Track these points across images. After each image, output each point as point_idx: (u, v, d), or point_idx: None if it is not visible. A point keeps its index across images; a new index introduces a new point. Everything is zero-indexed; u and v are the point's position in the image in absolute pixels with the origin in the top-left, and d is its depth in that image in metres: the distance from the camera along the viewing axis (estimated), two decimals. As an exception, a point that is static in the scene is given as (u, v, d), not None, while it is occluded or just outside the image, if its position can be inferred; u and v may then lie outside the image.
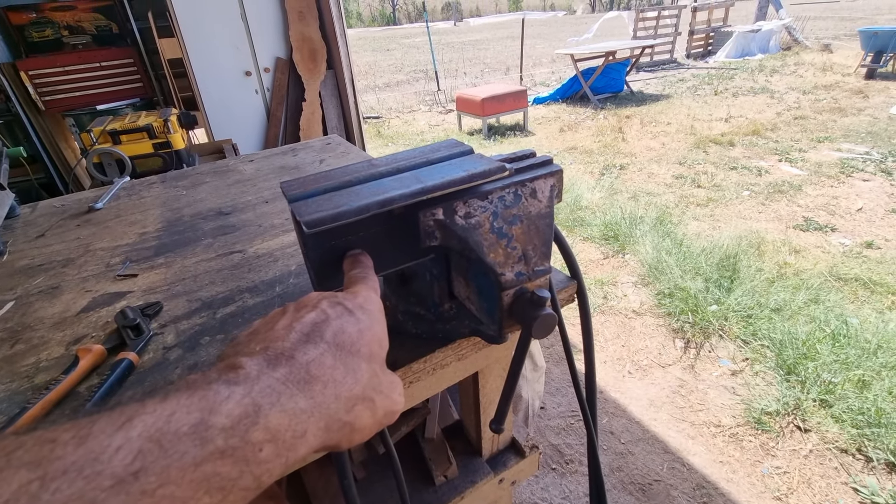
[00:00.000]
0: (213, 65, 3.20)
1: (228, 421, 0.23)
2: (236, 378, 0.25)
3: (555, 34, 20.53)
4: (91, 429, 0.20)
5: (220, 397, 0.24)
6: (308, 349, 0.29)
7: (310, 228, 0.36)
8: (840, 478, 1.59)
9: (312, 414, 0.27)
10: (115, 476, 0.19)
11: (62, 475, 0.18)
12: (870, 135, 4.86)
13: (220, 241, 0.89)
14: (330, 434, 0.28)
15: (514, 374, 0.48)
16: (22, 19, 3.31)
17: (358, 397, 0.30)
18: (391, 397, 0.33)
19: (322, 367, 0.29)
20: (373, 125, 7.45)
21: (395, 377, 0.35)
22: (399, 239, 0.44)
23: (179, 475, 0.21)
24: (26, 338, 0.65)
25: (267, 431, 0.24)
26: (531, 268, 0.45)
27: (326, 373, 0.29)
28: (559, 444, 1.81)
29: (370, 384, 0.31)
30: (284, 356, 0.28)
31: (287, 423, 0.25)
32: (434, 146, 0.51)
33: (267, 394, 0.25)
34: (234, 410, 0.23)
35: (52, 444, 0.19)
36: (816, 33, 12.42)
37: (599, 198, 3.93)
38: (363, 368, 0.31)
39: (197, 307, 0.68)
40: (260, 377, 0.26)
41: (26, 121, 3.15)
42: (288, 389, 0.26)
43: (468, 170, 0.43)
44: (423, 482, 0.80)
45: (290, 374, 0.27)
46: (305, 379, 0.27)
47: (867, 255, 2.79)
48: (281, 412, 0.25)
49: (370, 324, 0.33)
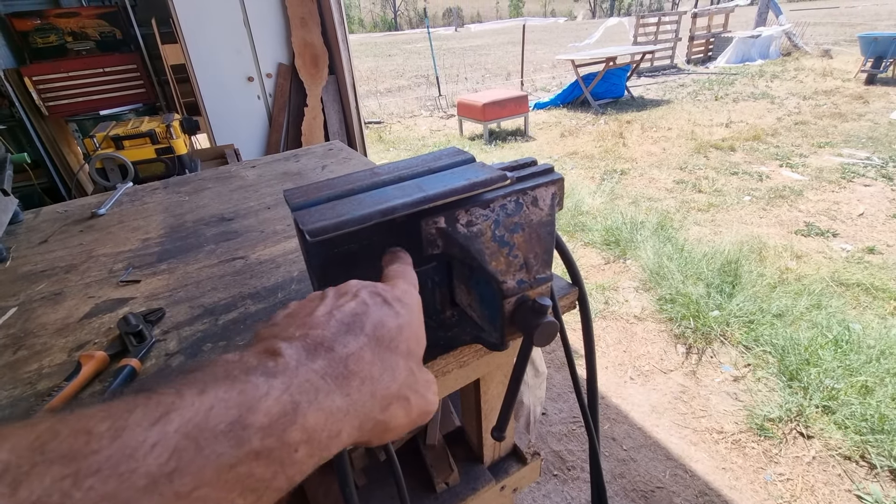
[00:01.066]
0: (216, 70, 3.22)
1: (266, 419, 0.22)
2: (275, 368, 0.25)
3: (555, 40, 20.62)
4: (127, 420, 0.19)
5: (260, 392, 0.23)
6: (348, 341, 0.28)
7: (313, 237, 0.36)
8: (843, 485, 1.58)
9: (348, 412, 0.26)
10: (150, 475, 0.18)
11: (95, 473, 0.18)
12: (870, 140, 4.87)
13: (222, 247, 0.90)
14: (362, 433, 0.28)
15: (516, 382, 0.48)
16: (26, 25, 3.33)
17: (394, 396, 0.29)
18: (426, 397, 0.32)
19: (360, 362, 0.28)
20: (374, 130, 7.48)
21: (431, 376, 0.34)
22: (401, 247, 0.44)
23: (214, 476, 0.20)
24: (29, 344, 0.65)
25: (304, 431, 0.24)
26: (532, 276, 0.45)
27: (364, 368, 0.28)
28: (561, 450, 1.80)
29: (406, 382, 0.30)
30: (324, 346, 0.27)
31: (323, 422, 0.25)
32: (435, 154, 0.51)
33: (305, 390, 0.25)
34: (272, 408, 0.23)
35: (88, 437, 0.18)
36: (816, 39, 12.46)
37: (600, 203, 3.93)
38: (401, 366, 0.30)
39: (199, 313, 0.68)
40: (299, 369, 0.25)
41: (30, 126, 3.17)
42: (326, 385, 0.26)
43: (470, 178, 0.43)
44: (424, 489, 0.80)
45: (328, 368, 0.26)
46: (343, 374, 0.27)
47: (869, 261, 2.79)
48: (318, 411, 0.24)
49: (409, 319, 0.33)
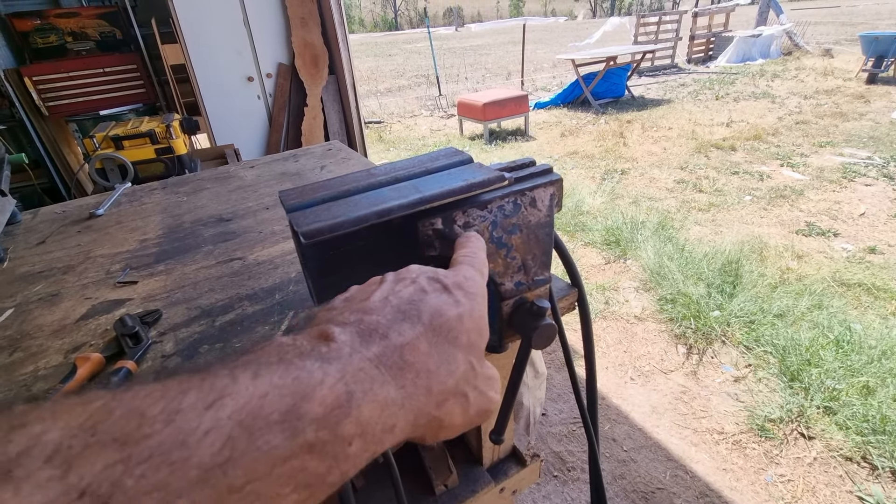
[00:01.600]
0: (216, 70, 3.22)
1: (321, 410, 0.21)
2: (328, 353, 0.24)
3: (556, 39, 20.60)
4: (181, 403, 0.19)
5: (314, 380, 0.22)
6: (404, 329, 0.27)
7: (307, 239, 0.36)
8: (845, 486, 1.57)
9: (403, 406, 0.25)
10: (202, 466, 0.18)
11: (147, 460, 0.17)
12: (872, 139, 4.86)
13: (220, 247, 0.89)
14: (416, 429, 0.26)
15: (514, 385, 0.47)
16: (26, 26, 3.33)
17: (451, 391, 0.27)
18: (486, 394, 0.30)
19: (416, 352, 0.26)
20: (374, 130, 7.48)
21: (494, 371, 0.32)
22: (398, 249, 0.44)
23: (267, 470, 0.19)
24: (25, 346, 0.65)
25: (358, 424, 0.22)
26: (531, 277, 0.44)
27: (420, 360, 0.26)
28: (561, 451, 1.80)
29: (465, 377, 0.28)
30: (378, 333, 0.26)
31: (378, 415, 0.23)
32: (433, 155, 0.51)
33: (360, 379, 0.23)
34: (327, 398, 0.22)
35: (140, 420, 0.18)
36: (817, 38, 12.44)
37: (601, 203, 3.93)
38: (459, 359, 0.28)
39: (196, 315, 0.68)
40: (353, 356, 0.24)
41: (30, 126, 3.17)
42: (380, 375, 0.24)
43: (467, 179, 0.43)
44: (422, 491, 0.80)
45: (382, 356, 0.25)
46: (398, 364, 0.25)
47: (870, 261, 2.78)
48: (373, 403, 0.23)
49: (471, 308, 0.30)
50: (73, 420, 0.17)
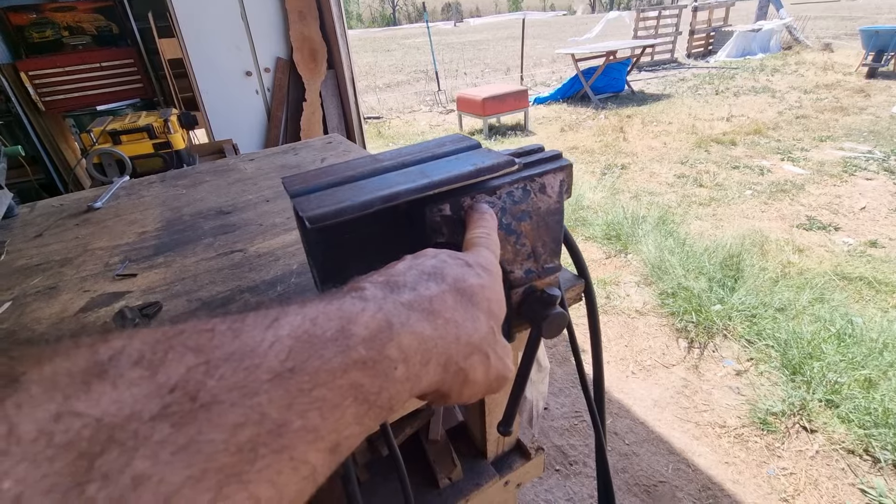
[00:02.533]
0: (214, 65, 3.19)
1: (367, 332, 0.23)
2: (363, 294, 0.25)
3: (555, 34, 20.52)
4: (243, 323, 0.20)
5: (356, 308, 0.23)
6: (430, 285, 0.28)
7: (312, 224, 0.35)
8: (847, 479, 1.57)
9: (437, 344, 0.26)
10: (272, 370, 0.19)
11: (224, 362, 0.18)
12: (872, 134, 4.85)
13: (220, 240, 0.88)
14: (446, 376, 0.27)
15: (523, 376, 0.46)
16: (22, 20, 3.30)
17: (476, 346, 0.29)
18: (504, 361, 0.32)
19: (444, 304, 0.28)
20: (373, 125, 7.45)
21: (508, 345, 0.33)
22: (405, 235, 0.43)
23: (329, 378, 0.20)
24: (23, 339, 0.63)
25: (400, 350, 0.24)
26: (540, 265, 0.43)
27: (448, 310, 0.28)
28: (563, 445, 1.79)
29: (487, 339, 0.30)
30: (407, 286, 0.27)
31: (416, 345, 0.25)
32: (439, 140, 0.50)
33: (396, 313, 0.25)
34: (370, 323, 0.23)
35: (211, 333, 0.19)
36: (817, 33, 12.40)
37: (601, 197, 3.92)
38: (482, 320, 0.30)
39: (196, 307, 0.67)
40: (386, 299, 0.25)
41: (26, 121, 3.14)
42: (414, 314, 0.26)
43: (476, 164, 0.41)
44: (427, 485, 0.79)
45: (414, 302, 0.26)
46: (429, 310, 0.27)
47: (871, 254, 2.78)
48: (411, 333, 0.25)
49: (491, 282, 0.32)
50: (149, 337, 0.18)
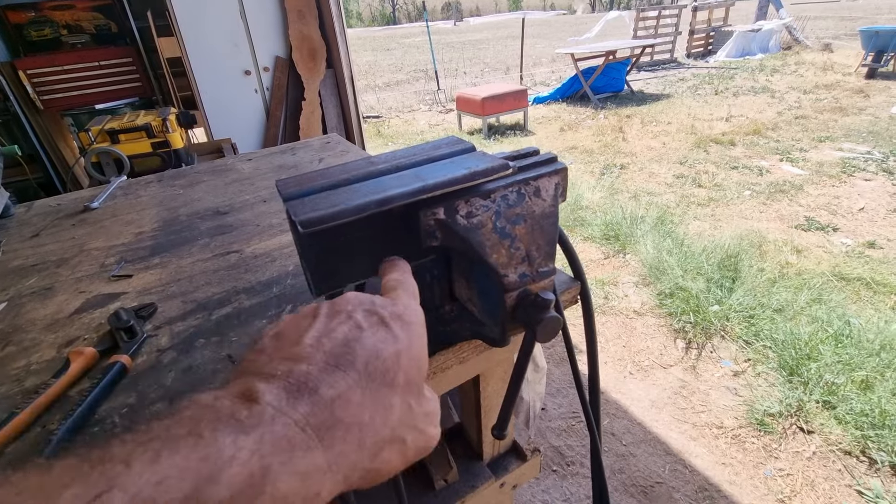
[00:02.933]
0: (213, 64, 3.18)
1: (228, 493, 0.20)
2: (249, 418, 0.22)
3: (555, 34, 20.52)
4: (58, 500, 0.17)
5: (224, 457, 0.20)
6: (335, 380, 0.25)
7: (305, 228, 0.35)
8: (844, 480, 1.57)
9: (329, 470, 0.24)
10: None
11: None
12: (871, 134, 4.85)
13: (216, 240, 0.88)
14: (349, 484, 0.25)
15: (518, 379, 0.46)
16: (21, 18, 3.30)
17: (386, 440, 0.26)
18: (426, 432, 0.29)
19: (348, 406, 0.25)
20: (373, 125, 7.44)
21: (432, 406, 0.30)
22: (399, 239, 0.43)
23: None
24: (17, 340, 0.63)
25: (273, 500, 0.21)
26: (535, 269, 0.43)
27: (351, 413, 0.25)
28: (560, 445, 1.80)
29: (403, 421, 0.27)
30: (308, 388, 0.25)
31: (298, 486, 0.22)
32: (435, 143, 0.50)
33: (280, 448, 0.22)
34: (236, 477, 0.20)
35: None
36: (817, 33, 12.40)
37: (600, 197, 3.92)
38: (396, 404, 0.27)
39: (192, 308, 0.67)
40: (275, 420, 0.23)
41: (24, 120, 3.14)
42: (305, 439, 0.23)
43: (470, 168, 0.41)
44: (422, 486, 0.79)
45: (310, 416, 0.24)
46: (327, 423, 0.24)
47: (869, 255, 2.78)
48: (293, 475, 0.22)
49: (409, 342, 0.29)
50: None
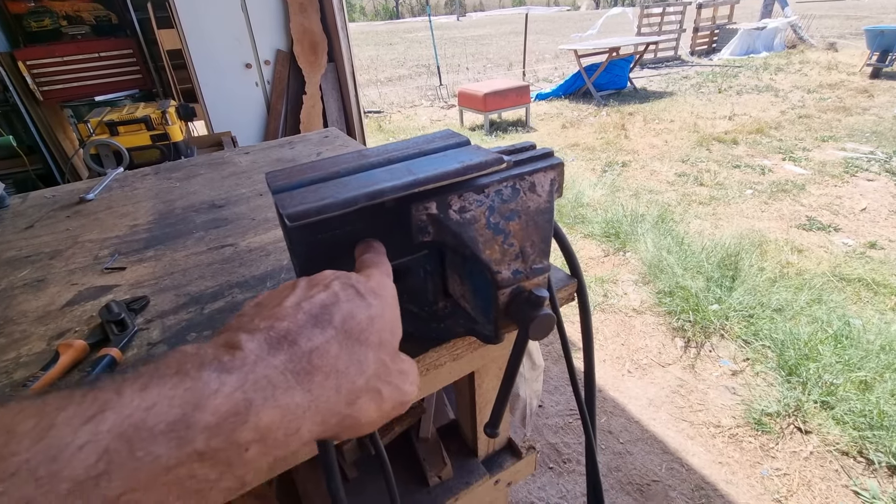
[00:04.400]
0: (213, 57, 3.17)
1: (214, 419, 0.21)
2: (231, 362, 0.24)
3: (558, 30, 20.41)
4: (55, 419, 0.18)
5: (209, 389, 0.22)
6: (314, 334, 0.27)
7: (292, 221, 0.34)
8: (841, 480, 1.57)
9: (308, 409, 0.25)
10: (74, 479, 0.17)
11: (10, 476, 0.16)
12: (874, 134, 4.82)
13: (211, 234, 0.87)
14: (327, 428, 0.27)
15: (510, 377, 0.45)
16: (20, 8, 3.27)
17: (361, 389, 0.28)
18: (401, 388, 0.31)
19: (325, 356, 0.27)
20: (374, 119, 7.42)
21: (408, 365, 0.33)
22: (390, 233, 0.42)
23: (149, 479, 0.19)
24: (7, 332, 0.63)
25: (256, 431, 0.23)
26: (529, 266, 0.43)
27: (329, 363, 0.27)
28: (557, 442, 1.79)
29: (377, 374, 0.29)
30: (287, 340, 0.26)
31: (280, 419, 0.24)
32: (428, 137, 0.49)
33: (261, 386, 0.23)
34: (221, 406, 0.22)
35: (8, 437, 0.17)
36: (822, 32, 12.33)
37: (601, 195, 3.90)
38: (370, 358, 0.29)
39: (185, 302, 0.66)
40: (257, 363, 0.24)
41: (24, 111, 3.12)
42: (285, 381, 0.25)
43: (463, 161, 0.41)
44: (416, 483, 0.78)
45: (289, 363, 0.25)
46: (306, 369, 0.26)
47: (870, 256, 2.77)
48: (274, 409, 0.23)
49: (382, 310, 0.31)
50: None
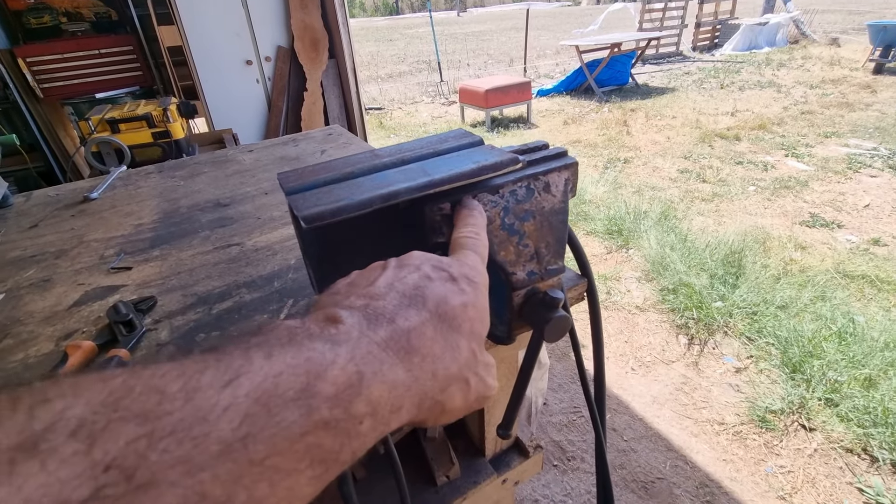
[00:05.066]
0: (214, 53, 3.15)
1: (333, 389, 0.22)
2: (337, 335, 0.24)
3: (559, 26, 20.31)
4: (199, 382, 0.19)
5: (326, 360, 0.22)
6: (410, 314, 0.27)
7: (308, 224, 0.34)
8: (845, 477, 1.57)
9: (409, 388, 0.25)
10: (223, 441, 0.18)
11: (170, 434, 0.17)
12: (878, 130, 4.80)
13: (217, 233, 0.87)
14: (420, 411, 0.27)
15: (524, 379, 0.45)
16: (20, 5, 3.26)
17: (454, 377, 0.28)
18: (486, 380, 0.31)
19: (422, 337, 0.27)
20: (375, 116, 7.39)
21: (491, 359, 0.32)
22: (404, 234, 0.42)
23: (286, 445, 0.19)
24: (15, 332, 0.63)
25: (368, 404, 0.23)
26: (543, 267, 0.42)
27: (426, 345, 0.27)
28: (561, 440, 1.79)
29: (467, 364, 0.29)
30: (385, 318, 0.26)
31: (387, 395, 0.24)
32: (441, 136, 0.48)
33: (369, 361, 0.24)
34: (339, 378, 0.22)
35: (161, 396, 0.18)
36: (824, 27, 12.27)
37: (603, 192, 3.89)
38: (462, 346, 0.29)
39: (192, 302, 0.66)
40: (361, 339, 0.24)
41: (24, 109, 3.11)
42: (389, 357, 0.25)
43: (478, 162, 0.40)
44: (424, 482, 0.78)
45: (390, 340, 0.25)
46: (406, 348, 0.26)
47: (874, 252, 2.76)
48: (382, 383, 0.24)
49: (475, 298, 0.31)
50: (95, 397, 0.17)
